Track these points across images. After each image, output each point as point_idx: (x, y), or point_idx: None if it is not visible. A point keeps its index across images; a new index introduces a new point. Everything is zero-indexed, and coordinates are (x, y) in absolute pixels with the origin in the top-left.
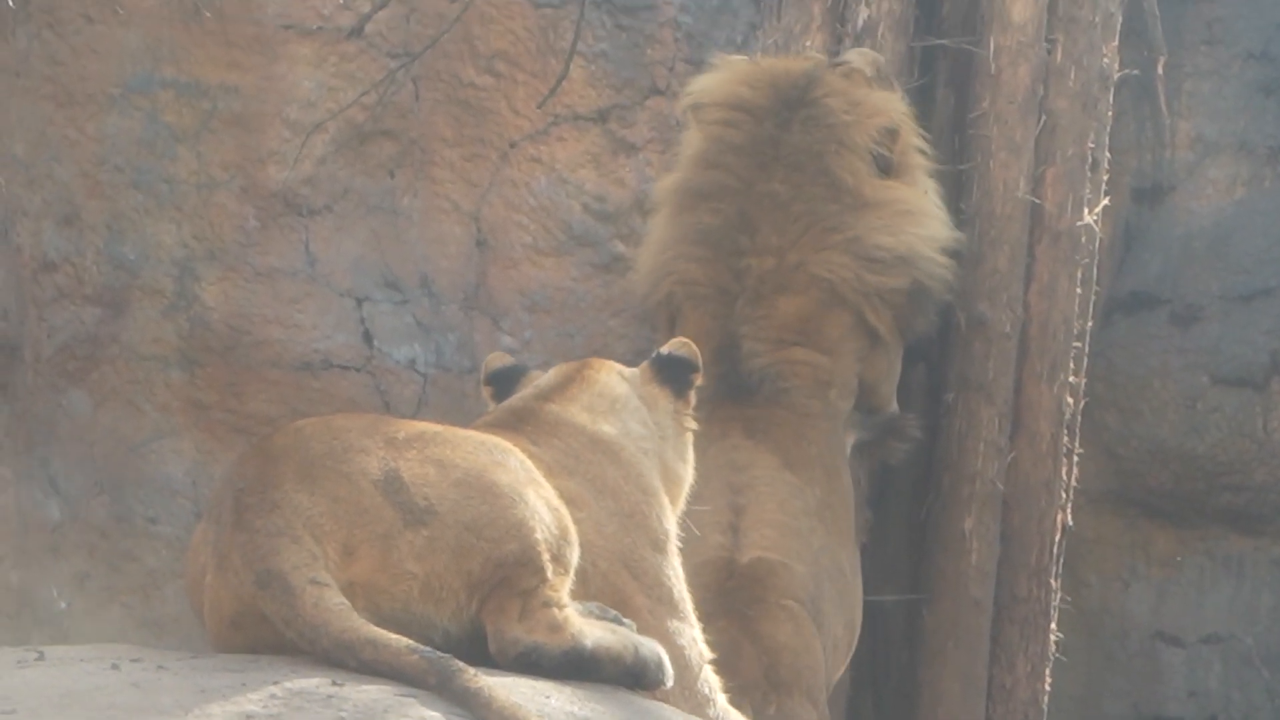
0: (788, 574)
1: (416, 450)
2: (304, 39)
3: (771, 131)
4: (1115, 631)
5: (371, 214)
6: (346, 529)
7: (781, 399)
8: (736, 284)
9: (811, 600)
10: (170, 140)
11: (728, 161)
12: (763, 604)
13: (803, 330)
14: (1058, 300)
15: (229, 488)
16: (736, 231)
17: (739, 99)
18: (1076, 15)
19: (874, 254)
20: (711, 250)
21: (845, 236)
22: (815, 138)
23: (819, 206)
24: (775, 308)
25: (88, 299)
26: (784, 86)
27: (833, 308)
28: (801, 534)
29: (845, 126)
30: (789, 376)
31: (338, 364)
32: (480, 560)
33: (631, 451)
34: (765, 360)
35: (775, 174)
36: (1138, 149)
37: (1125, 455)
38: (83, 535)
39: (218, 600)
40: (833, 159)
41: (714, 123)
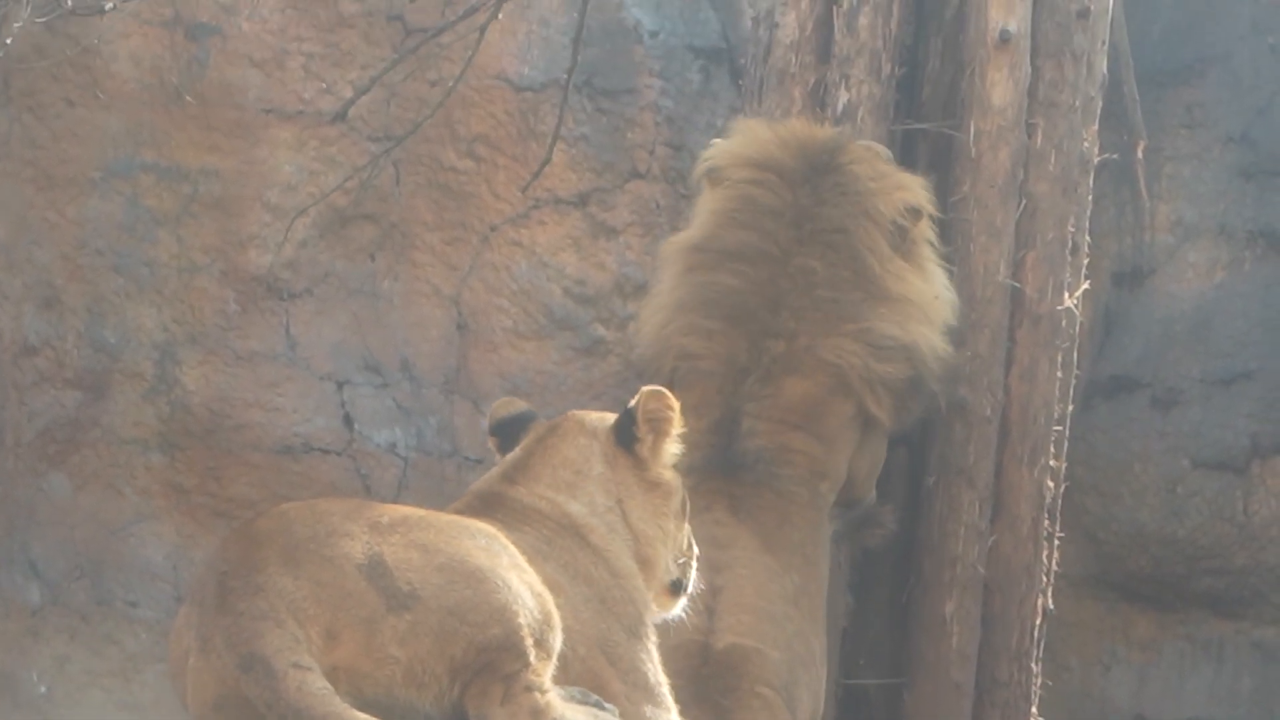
0: (762, 661)
1: (400, 535)
2: (285, 123)
3: (806, 202)
4: (1096, 715)
5: (352, 297)
6: (330, 613)
7: (772, 483)
8: (753, 361)
9: (785, 687)
10: (151, 224)
11: (763, 225)
12: (737, 693)
13: (805, 416)
14: (1038, 384)
15: (212, 571)
16: (762, 308)
17: (769, 158)
18: (1056, 99)
19: (882, 343)
20: (726, 322)
21: (859, 326)
22: (845, 210)
23: (844, 294)
24: (781, 389)
25: (68, 382)
26: (812, 151)
27: (836, 395)
28: (777, 619)
29: (871, 195)
30: (783, 463)
31: (318, 447)
32: (463, 645)
33: (601, 531)
34: (763, 441)
35: (814, 250)
36: (1118, 233)
37: (1106, 539)
38: (63, 619)
39: (200, 683)
40: (860, 236)
41: (741, 182)
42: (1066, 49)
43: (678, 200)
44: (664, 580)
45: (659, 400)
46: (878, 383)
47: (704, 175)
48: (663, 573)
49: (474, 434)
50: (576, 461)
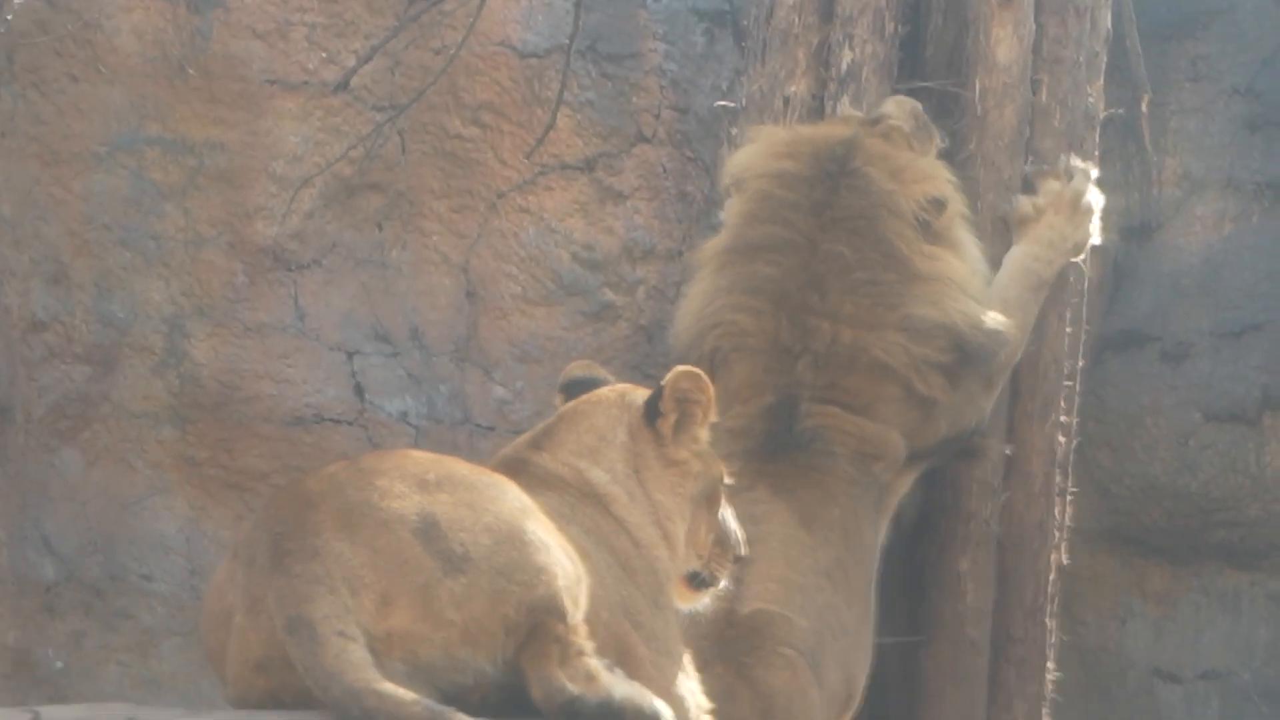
0: (786, 625)
1: (448, 493)
2: (289, 94)
3: (822, 196)
4: (1113, 670)
5: (360, 267)
6: (386, 580)
7: (823, 462)
8: (800, 342)
9: (810, 652)
10: (157, 197)
11: (786, 217)
12: (760, 651)
13: (857, 402)
14: (1048, 340)
15: (265, 531)
16: (804, 288)
17: (782, 171)
18: (1061, 55)
19: (921, 326)
20: (770, 303)
21: (899, 314)
22: (865, 202)
23: (879, 275)
24: (835, 378)
25: (77, 358)
26: (824, 157)
27: (885, 382)
28: (806, 590)
29: (888, 195)
30: (838, 442)
31: (329, 418)
32: (514, 604)
33: (623, 500)
34: (819, 422)
35: (839, 236)
36: (1125, 187)
37: (1119, 493)
38: (77, 594)
39: (245, 643)
40: (882, 224)
41: (761, 188)
42: (1070, 4)
43: (684, 164)
44: (682, 568)
45: (692, 381)
46: (922, 365)
47: (729, 187)
48: (681, 557)
49: (485, 401)
50: (602, 428)
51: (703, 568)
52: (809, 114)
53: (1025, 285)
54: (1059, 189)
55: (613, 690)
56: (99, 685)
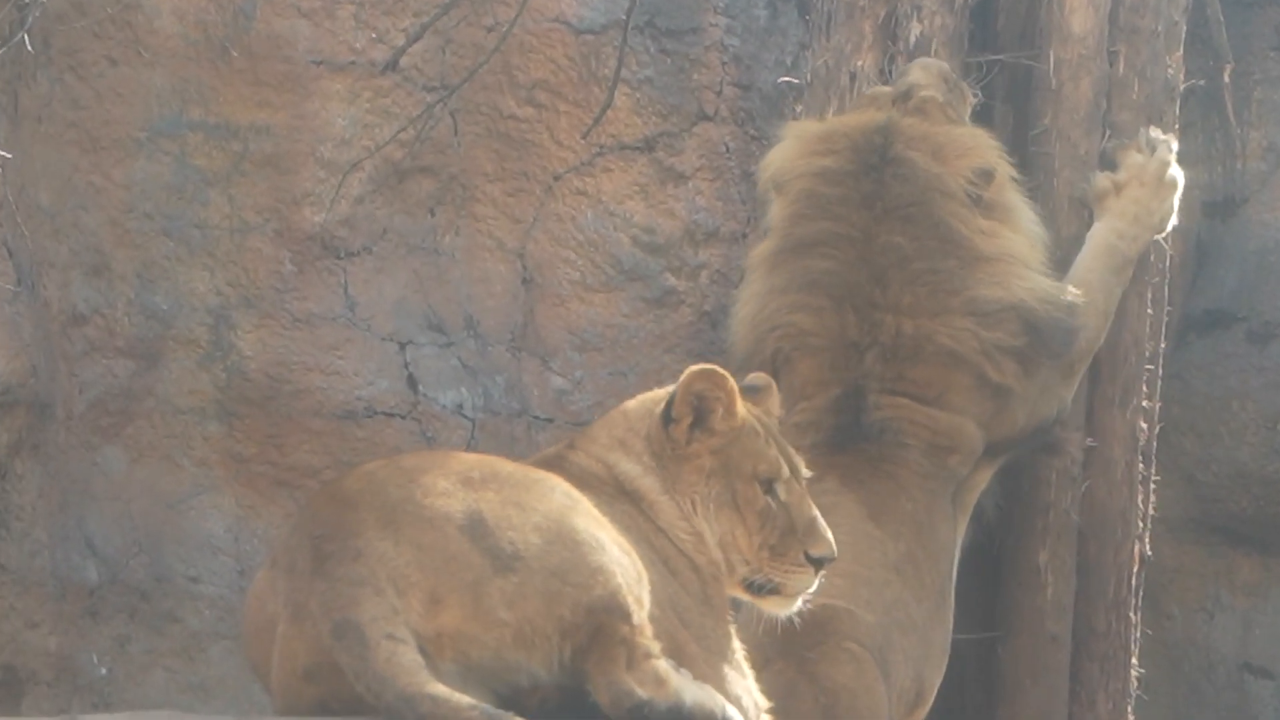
0: (852, 620)
1: (494, 491)
2: (336, 75)
3: (871, 187)
4: (1200, 665)
5: (412, 254)
6: (433, 578)
7: (895, 454)
8: (867, 336)
9: (877, 648)
10: (200, 184)
11: (836, 212)
12: (824, 647)
13: (927, 393)
14: (1128, 322)
15: (304, 534)
16: (866, 282)
17: (824, 169)
18: (1139, 25)
19: (988, 308)
20: (829, 299)
21: (963, 297)
22: (913, 189)
23: (939, 264)
24: (904, 370)
25: (120, 351)
26: (863, 149)
27: (955, 370)
28: (874, 585)
29: (937, 177)
30: (909, 434)
31: (382, 411)
32: (570, 606)
33: (655, 495)
34: (889, 414)
35: (893, 226)
36: (1207, 161)
37: (1205, 480)
38: (122, 597)
39: (291, 651)
40: (938, 208)
41: (804, 187)
42: None
43: (748, 142)
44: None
45: (707, 381)
46: (993, 350)
47: (769, 187)
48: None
49: (543, 392)
50: (633, 419)
51: (752, 574)
52: None
53: (1108, 265)
54: (1141, 161)
55: (683, 694)
56: (144, 691)
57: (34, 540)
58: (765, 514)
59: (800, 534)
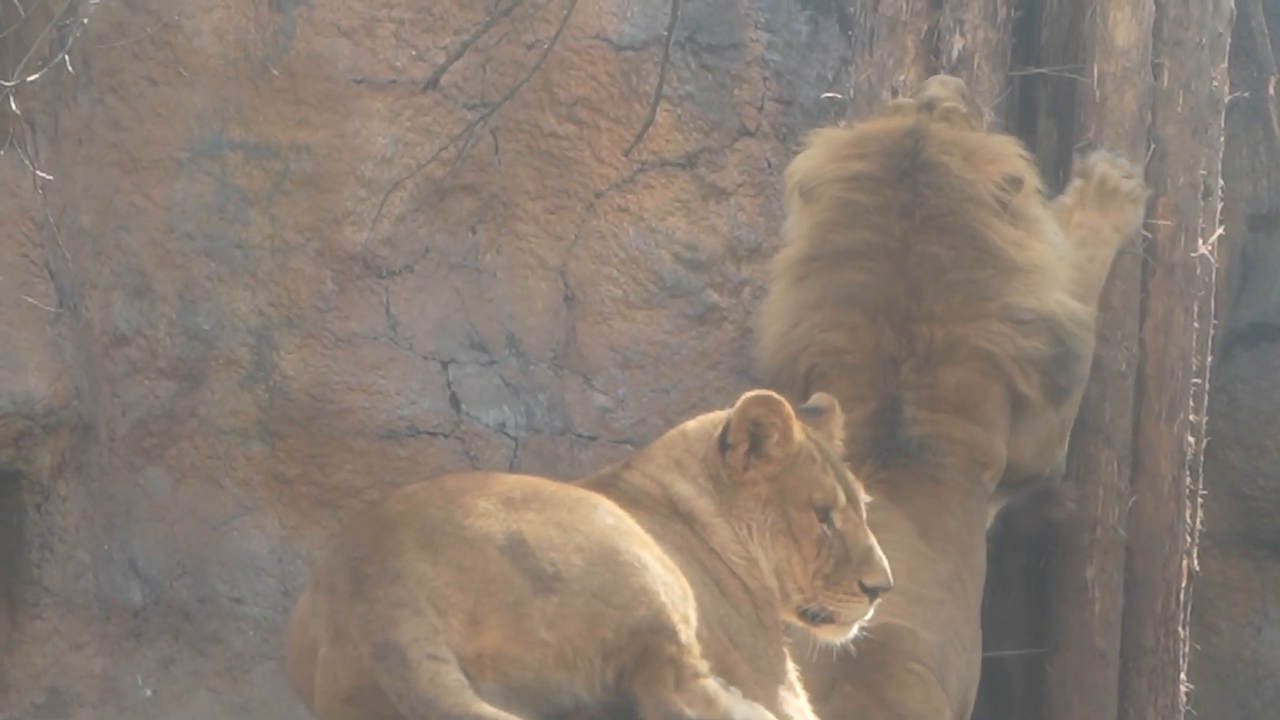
0: (915, 640)
1: (535, 512)
2: (377, 93)
3: (907, 196)
4: (1249, 680)
5: (454, 272)
6: (474, 598)
7: (933, 471)
8: (904, 349)
9: (938, 669)
10: (241, 204)
11: (874, 221)
12: (889, 669)
13: (964, 403)
14: (1174, 335)
15: (344, 557)
16: (903, 295)
17: (856, 174)
18: (1183, 37)
19: (1024, 317)
20: (865, 314)
21: (999, 304)
22: (947, 198)
23: (975, 274)
24: (938, 378)
25: (162, 372)
26: (895, 153)
27: (989, 378)
28: (930, 603)
29: (968, 183)
30: (946, 452)
31: (425, 430)
32: (613, 628)
33: (710, 515)
34: (926, 429)
35: (931, 236)
36: (1252, 173)
37: (1252, 494)
38: (166, 618)
39: (333, 674)
40: (970, 216)
41: (836, 194)
42: None
43: (790, 158)
44: (791, 602)
45: (763, 407)
46: (1025, 360)
47: (795, 192)
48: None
49: (586, 410)
50: (691, 441)
51: (806, 602)
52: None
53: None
54: (1081, 185)
55: (733, 713)
56: (189, 713)
57: (78, 562)
58: (820, 542)
59: (855, 563)
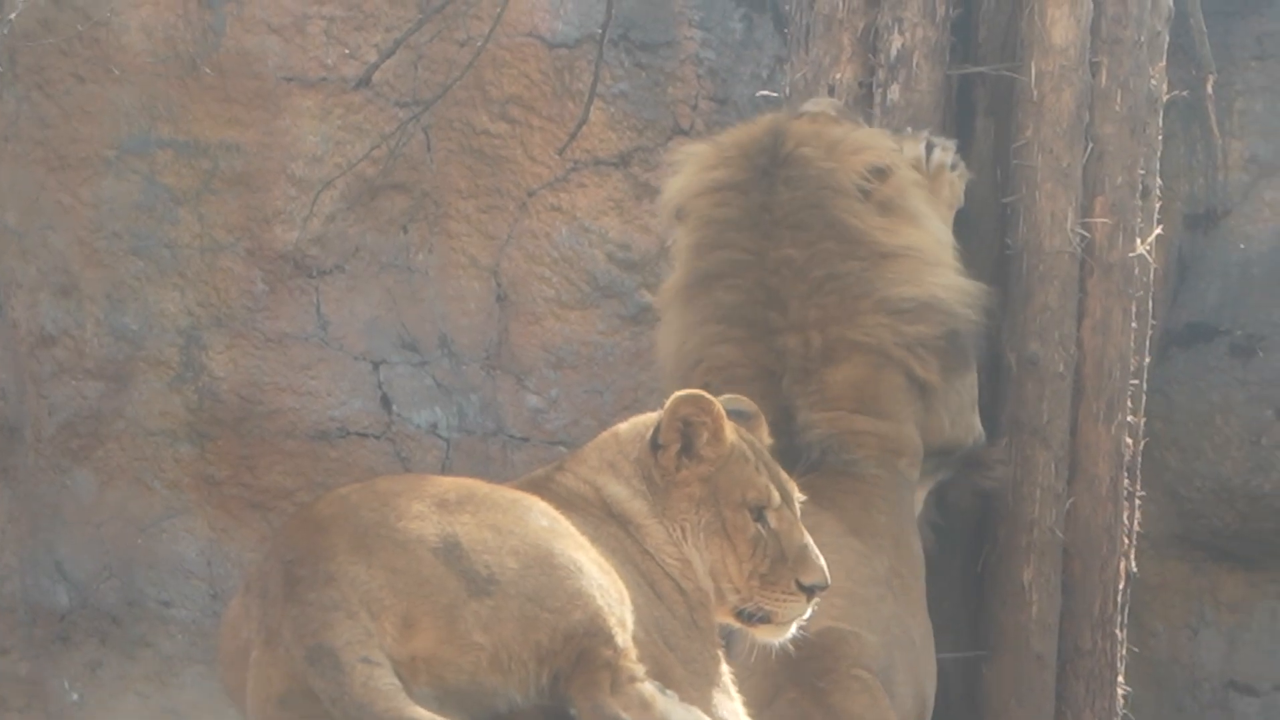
0: (858, 643)
1: (470, 514)
2: (307, 91)
3: (760, 198)
4: (1185, 682)
5: (385, 272)
6: (407, 601)
7: (848, 469)
8: (779, 362)
9: (883, 671)
10: (170, 203)
11: (729, 238)
12: (834, 674)
13: (859, 399)
14: (1112, 336)
15: (276, 559)
16: (763, 307)
17: (717, 181)
18: (1121, 36)
19: (903, 306)
20: (744, 329)
21: (873, 300)
22: (806, 190)
23: (838, 267)
24: (825, 380)
25: (89, 373)
26: (754, 153)
27: (882, 369)
28: (870, 602)
29: (828, 172)
30: (854, 447)
31: (355, 431)
32: (548, 632)
33: (643, 517)
34: (824, 431)
35: (782, 238)
36: (1189, 173)
37: (1188, 496)
38: (93, 622)
39: (265, 678)
40: (832, 206)
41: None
42: None
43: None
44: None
45: (693, 405)
46: (917, 346)
47: (672, 216)
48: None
49: (518, 411)
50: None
51: (742, 603)
52: (855, 102)
53: None
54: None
55: (669, 717)
56: (117, 717)
57: (3, 565)
58: (755, 542)
59: (792, 562)
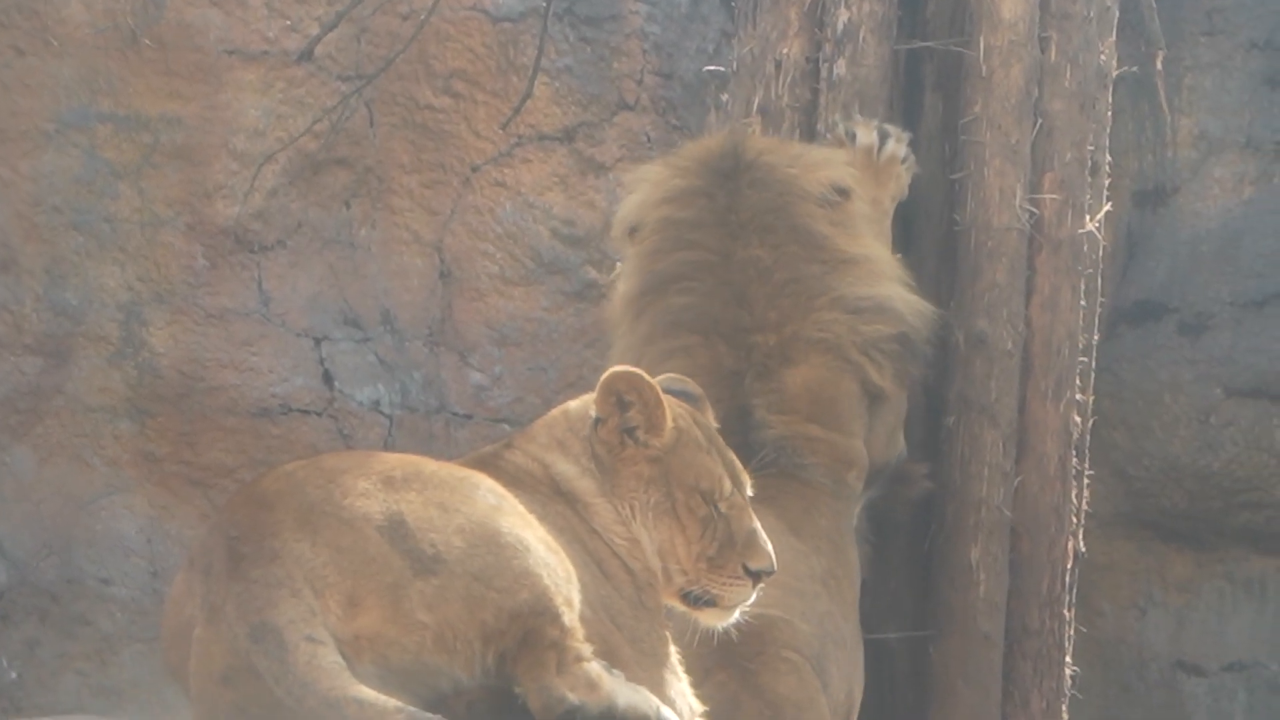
0: (790, 629)
1: (416, 492)
2: (249, 65)
3: (726, 200)
4: (1133, 662)
5: (327, 248)
6: (352, 580)
7: (797, 473)
8: (743, 360)
9: (816, 657)
10: (110, 177)
11: (690, 239)
12: (764, 656)
13: (815, 405)
14: (1060, 313)
15: (220, 536)
16: (730, 306)
17: (677, 189)
18: (1070, 11)
19: (860, 305)
20: (697, 335)
21: (829, 297)
22: (772, 193)
23: (801, 269)
24: (783, 381)
25: (28, 349)
26: (714, 162)
27: (840, 374)
28: (805, 596)
29: (793, 178)
30: (806, 453)
31: (297, 408)
32: (493, 611)
33: (591, 495)
34: (779, 431)
35: (750, 240)
36: (1138, 150)
37: (1137, 475)
38: (31, 600)
39: (207, 656)
40: (796, 210)
41: (660, 215)
42: None
43: (669, 132)
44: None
45: (626, 382)
46: (872, 348)
47: (624, 233)
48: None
49: (462, 388)
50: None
51: (689, 585)
52: (802, 78)
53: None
54: (848, 159)
55: (616, 697)
56: (55, 696)
57: None
58: (705, 523)
59: (740, 546)
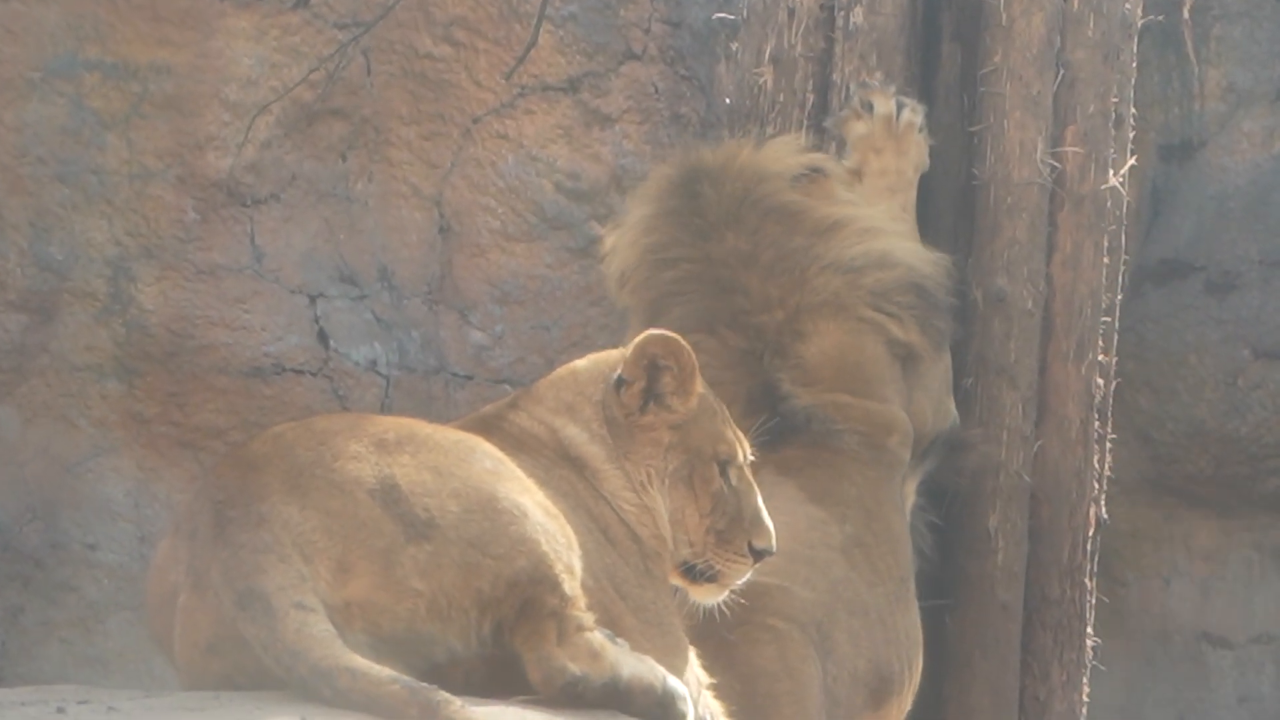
0: (785, 596)
1: (409, 455)
2: (242, 11)
3: (687, 204)
4: (1157, 634)
5: (323, 201)
6: (342, 545)
7: (829, 441)
8: (756, 341)
9: (814, 625)
10: (98, 127)
11: (671, 257)
12: (746, 626)
13: (840, 373)
14: (1083, 271)
15: (206, 500)
16: (724, 296)
17: (643, 220)
18: None
19: (855, 264)
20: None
21: (821, 264)
22: (732, 186)
23: (785, 245)
24: (802, 356)
25: (12, 305)
26: (675, 177)
27: (859, 336)
28: (815, 563)
29: (754, 164)
30: (839, 419)
31: (291, 368)
32: (489, 579)
33: (600, 461)
34: (809, 399)
35: (724, 235)
36: (1164, 102)
37: (1161, 440)
38: (15, 565)
39: (193, 623)
40: (763, 195)
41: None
42: None
43: (678, 83)
44: (676, 555)
45: (662, 346)
46: (884, 300)
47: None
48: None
49: (462, 347)
50: (584, 383)
51: (694, 558)
52: (816, 26)
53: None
54: (865, 131)
55: (620, 667)
56: (39, 665)
57: None
58: (718, 497)
59: (747, 523)
